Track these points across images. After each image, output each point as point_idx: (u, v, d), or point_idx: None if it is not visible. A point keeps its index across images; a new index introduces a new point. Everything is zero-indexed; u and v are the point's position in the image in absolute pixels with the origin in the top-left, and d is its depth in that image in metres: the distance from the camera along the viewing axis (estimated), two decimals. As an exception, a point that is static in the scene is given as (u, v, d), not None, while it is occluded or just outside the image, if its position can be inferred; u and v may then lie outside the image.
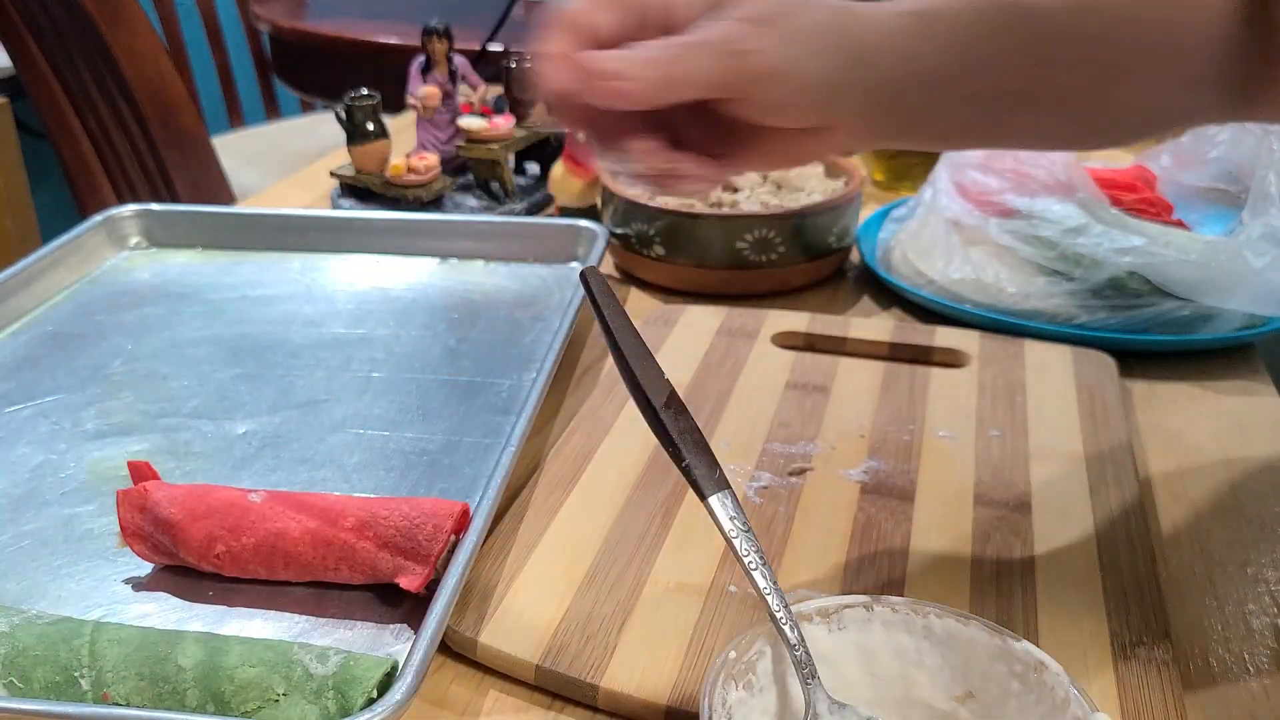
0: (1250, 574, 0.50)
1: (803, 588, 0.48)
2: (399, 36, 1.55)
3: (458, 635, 0.46)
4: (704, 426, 0.61)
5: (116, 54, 1.23)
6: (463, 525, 0.48)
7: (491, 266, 0.82)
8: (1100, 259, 0.71)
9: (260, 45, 2.06)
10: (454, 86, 0.94)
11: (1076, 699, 0.36)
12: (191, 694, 0.40)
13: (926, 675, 0.39)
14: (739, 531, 0.40)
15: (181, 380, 0.66)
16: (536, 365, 0.67)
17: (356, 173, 0.91)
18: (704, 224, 0.77)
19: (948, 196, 0.80)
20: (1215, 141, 0.83)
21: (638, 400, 0.42)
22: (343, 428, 0.61)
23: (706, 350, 0.69)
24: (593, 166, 0.89)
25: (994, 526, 0.52)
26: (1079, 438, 0.59)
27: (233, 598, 0.48)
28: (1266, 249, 0.70)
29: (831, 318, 0.73)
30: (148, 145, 1.33)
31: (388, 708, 0.38)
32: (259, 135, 1.91)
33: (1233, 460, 0.59)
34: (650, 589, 0.48)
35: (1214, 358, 0.70)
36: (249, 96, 2.13)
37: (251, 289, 0.79)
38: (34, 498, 0.55)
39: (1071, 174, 0.78)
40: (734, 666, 0.38)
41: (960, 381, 0.65)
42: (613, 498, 0.54)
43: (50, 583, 0.49)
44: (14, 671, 0.41)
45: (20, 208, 1.75)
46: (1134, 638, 0.44)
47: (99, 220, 0.84)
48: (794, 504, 0.54)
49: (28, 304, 0.75)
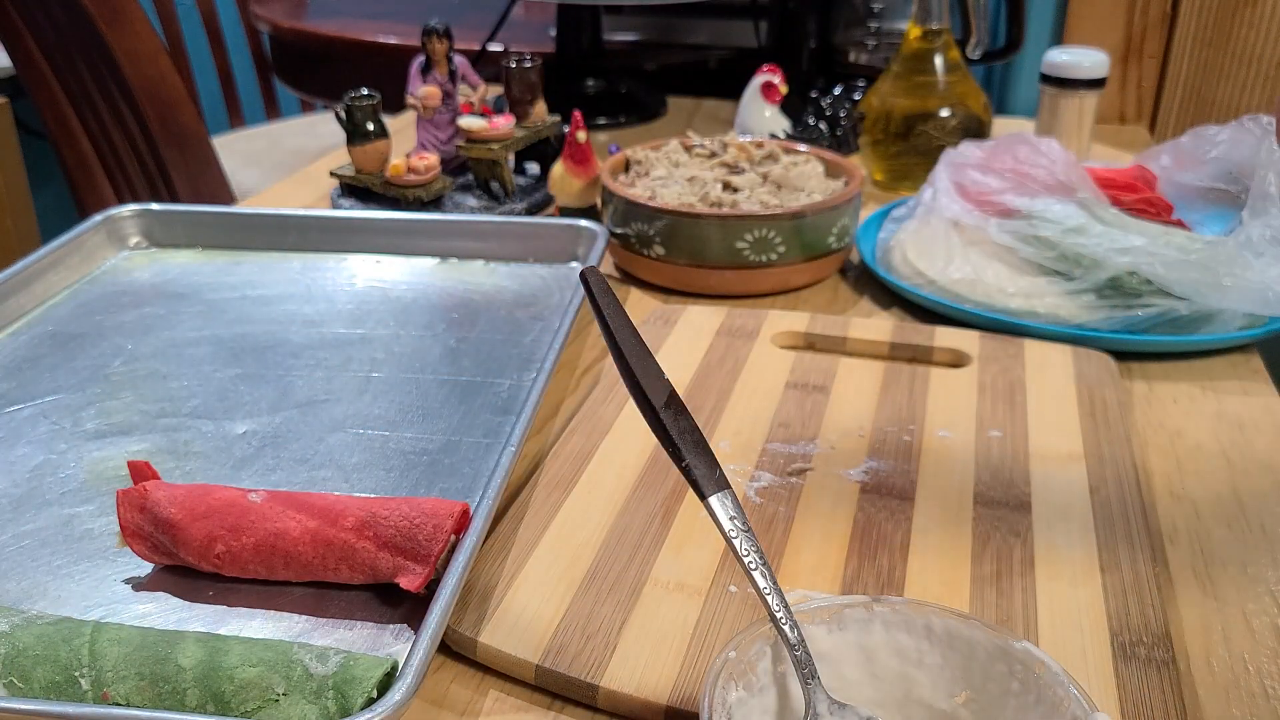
0: (1250, 574, 0.50)
1: (803, 588, 0.48)
2: (399, 36, 1.56)
3: (458, 635, 0.46)
4: (704, 426, 0.61)
5: (116, 54, 1.23)
6: (463, 525, 0.48)
7: (491, 266, 0.82)
8: (1100, 259, 0.71)
9: (260, 45, 2.06)
10: (454, 86, 0.94)
11: (1076, 699, 0.36)
12: (191, 694, 0.40)
13: (926, 675, 0.39)
14: (739, 531, 0.40)
15: (181, 380, 0.66)
16: (536, 365, 0.67)
17: (356, 173, 0.91)
18: (704, 224, 0.77)
19: (948, 196, 0.80)
20: (1215, 141, 0.83)
21: (638, 400, 0.42)
22: (343, 428, 0.61)
23: (706, 350, 0.69)
24: (593, 166, 0.89)
25: (994, 526, 0.52)
26: (1079, 438, 0.59)
27: (233, 598, 0.48)
28: (1266, 249, 0.70)
29: (831, 318, 0.73)
30: (148, 145, 1.33)
31: (388, 708, 0.38)
32: (259, 135, 1.91)
33: (1233, 460, 0.59)
34: (650, 589, 0.48)
35: (1214, 358, 0.70)
36: (249, 96, 2.13)
37: (251, 289, 0.79)
38: (34, 498, 0.55)
39: (1071, 174, 0.78)
40: (734, 666, 0.38)
41: (960, 381, 0.65)
42: (613, 498, 0.54)
43: (50, 583, 0.49)
44: (14, 671, 0.41)
45: (20, 208, 1.75)
46: (1134, 638, 0.44)
47: (99, 220, 0.84)
48: (794, 504, 0.54)
49: (28, 304, 0.75)
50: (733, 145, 0.88)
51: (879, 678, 0.40)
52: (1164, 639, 0.44)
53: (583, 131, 0.88)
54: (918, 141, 0.99)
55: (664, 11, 1.40)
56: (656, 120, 1.26)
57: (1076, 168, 0.79)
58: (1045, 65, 1.01)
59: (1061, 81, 1.00)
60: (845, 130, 1.05)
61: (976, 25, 1.09)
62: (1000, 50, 1.13)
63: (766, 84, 1.06)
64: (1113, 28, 1.31)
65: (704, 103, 1.33)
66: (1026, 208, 0.76)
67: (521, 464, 0.58)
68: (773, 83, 1.05)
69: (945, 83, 0.99)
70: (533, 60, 0.94)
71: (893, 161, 1.01)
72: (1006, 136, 0.84)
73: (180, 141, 1.32)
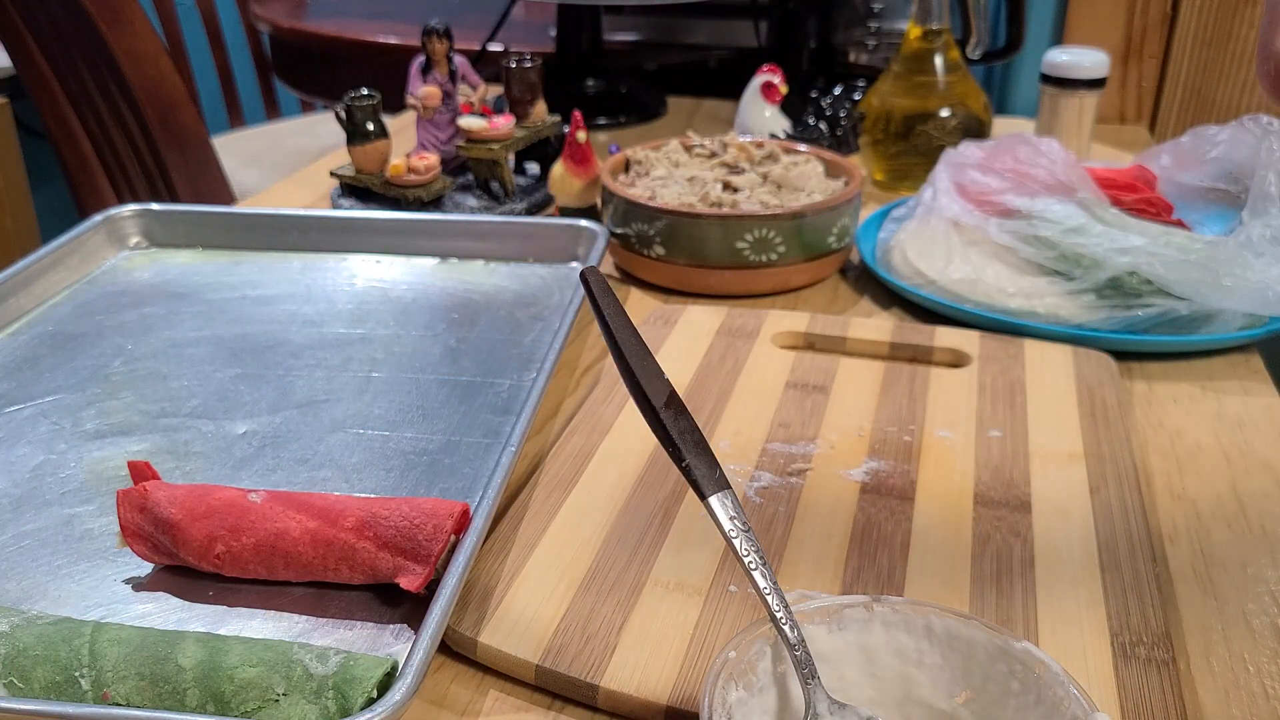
0: (1250, 574, 0.50)
1: (803, 588, 0.48)
2: (399, 36, 1.56)
3: (458, 635, 0.46)
4: (704, 426, 0.61)
5: (116, 54, 1.23)
6: (463, 525, 0.48)
7: (491, 266, 0.82)
8: (1100, 259, 0.71)
9: (260, 45, 2.06)
10: (454, 86, 0.94)
11: (1076, 699, 0.36)
12: (191, 694, 0.40)
13: (926, 675, 0.39)
14: (739, 531, 0.40)
15: (181, 380, 0.66)
16: (536, 365, 0.67)
17: (356, 173, 0.91)
18: (704, 224, 0.77)
19: (948, 196, 0.80)
20: (1215, 141, 0.83)
21: (638, 400, 0.42)
22: (343, 428, 0.61)
23: (706, 350, 0.69)
24: (593, 166, 0.89)
25: (994, 526, 0.52)
26: (1079, 438, 0.59)
27: (233, 598, 0.48)
28: (1266, 249, 0.70)
29: (831, 318, 0.73)
30: (148, 145, 1.33)
31: (388, 708, 0.38)
32: (259, 135, 1.91)
33: (1233, 460, 0.59)
34: (650, 589, 0.48)
35: (1214, 358, 0.70)
36: (249, 96, 2.13)
37: (251, 289, 0.79)
38: (34, 498, 0.55)
39: (1071, 174, 0.78)
40: (734, 666, 0.38)
41: (960, 381, 0.65)
42: (613, 498, 0.54)
43: (50, 583, 0.49)
44: (14, 671, 0.41)
45: (20, 208, 1.75)
46: (1134, 638, 0.44)
47: (99, 220, 0.84)
48: (794, 504, 0.54)
49: (28, 304, 0.75)
50: (733, 145, 0.88)
51: (879, 678, 0.40)
52: (1164, 639, 0.44)
53: (583, 131, 0.88)
54: (918, 141, 0.99)
55: (664, 11, 1.40)
56: (656, 120, 1.26)
57: (1076, 168, 0.79)
58: (1045, 65, 1.01)
59: (1061, 81, 1.00)
60: (845, 130, 1.05)
61: (976, 25, 1.09)
62: (1000, 50, 1.13)
63: (766, 84, 1.06)
64: (1113, 28, 1.31)
65: (704, 103, 1.33)
66: (1026, 208, 0.76)
67: (521, 464, 0.58)
68: (773, 83, 1.05)
69: (945, 83, 0.99)
70: (533, 60, 0.94)
71: (893, 161, 1.01)
72: (1006, 136, 0.84)
73: (180, 141, 1.32)
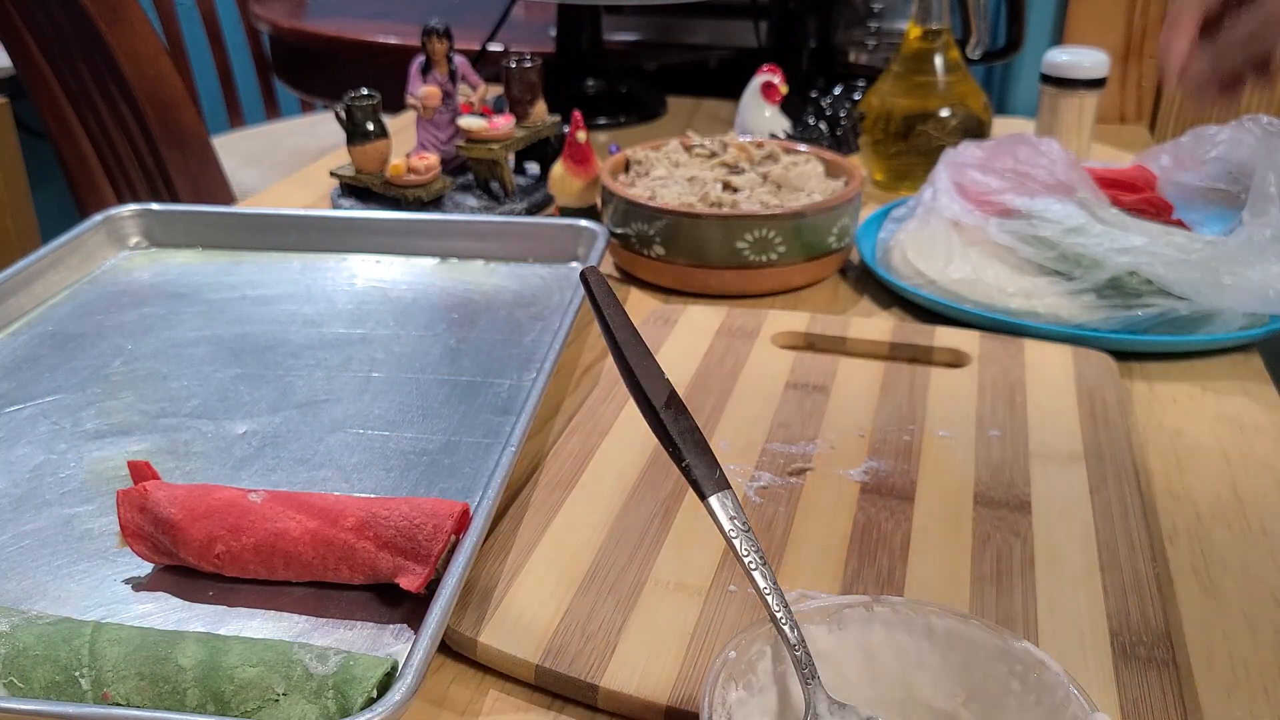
0: (1250, 574, 0.50)
1: (803, 588, 0.48)
2: (399, 36, 1.55)
3: (458, 635, 0.46)
4: (704, 426, 0.61)
5: (116, 54, 1.23)
6: (463, 525, 0.48)
7: (491, 266, 0.82)
8: (1100, 259, 0.71)
9: (260, 45, 2.06)
10: (454, 86, 0.94)
11: (1076, 699, 0.36)
12: (191, 694, 0.40)
13: (927, 675, 0.39)
14: (739, 531, 0.40)
15: (181, 380, 0.66)
16: (536, 365, 0.67)
17: (356, 173, 0.91)
18: (704, 224, 0.77)
19: (948, 196, 0.80)
20: (1215, 141, 0.83)
21: (638, 400, 0.42)
22: (342, 428, 0.61)
23: (706, 350, 0.69)
24: (593, 166, 0.89)
25: (994, 526, 0.52)
26: (1079, 438, 0.59)
27: (233, 598, 0.48)
28: (1266, 249, 0.70)
29: (831, 318, 0.73)
30: (148, 145, 1.33)
31: (388, 708, 0.38)
32: (259, 135, 1.91)
33: (1233, 460, 0.59)
34: (650, 589, 0.48)
35: (1214, 358, 0.70)
36: (249, 96, 2.13)
37: (251, 289, 0.79)
38: (34, 498, 0.55)
39: (1071, 174, 0.78)
40: (734, 666, 0.38)
41: (960, 381, 0.65)
42: (613, 498, 0.54)
43: (50, 583, 0.49)
44: (14, 671, 0.41)
45: (20, 208, 1.75)
46: (1134, 638, 0.44)
47: (99, 220, 0.84)
48: (794, 504, 0.54)
49: (28, 304, 0.75)
50: (733, 145, 0.88)
51: (879, 678, 0.40)
52: (1164, 639, 0.44)
53: (583, 131, 0.88)
54: (918, 141, 0.99)
55: (664, 11, 1.40)
56: (656, 120, 1.26)
57: (1076, 168, 0.79)
58: (1045, 65, 1.01)
59: (1061, 81, 1.00)
60: (845, 130, 1.05)
61: (976, 25, 1.09)
62: (1000, 50, 1.13)
63: (766, 84, 1.06)
64: (1113, 28, 1.31)
65: (704, 103, 1.33)
66: (1026, 208, 0.76)
67: (521, 464, 0.58)
68: (773, 83, 1.05)
69: (945, 83, 0.99)
70: (533, 60, 0.94)
71: (893, 161, 1.01)
72: (1006, 136, 0.84)
73: (180, 141, 1.32)
